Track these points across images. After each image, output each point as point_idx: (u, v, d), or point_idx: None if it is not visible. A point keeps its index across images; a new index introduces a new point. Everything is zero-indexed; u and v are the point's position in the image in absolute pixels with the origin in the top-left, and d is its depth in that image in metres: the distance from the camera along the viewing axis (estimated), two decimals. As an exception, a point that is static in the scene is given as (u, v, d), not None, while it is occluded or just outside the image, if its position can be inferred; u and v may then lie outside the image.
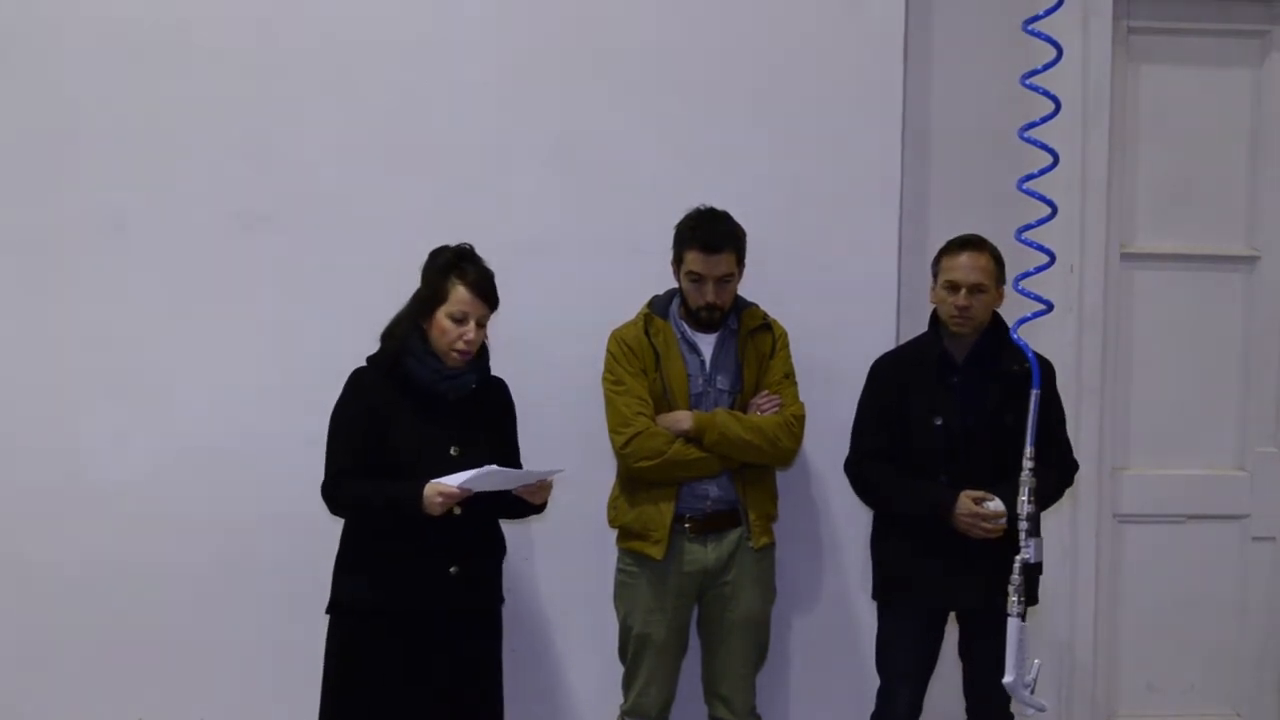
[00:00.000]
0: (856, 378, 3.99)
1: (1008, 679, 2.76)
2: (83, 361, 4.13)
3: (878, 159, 4.28)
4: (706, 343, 3.87)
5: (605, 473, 3.99)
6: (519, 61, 4.21)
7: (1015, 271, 3.20)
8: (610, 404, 3.84)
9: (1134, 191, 4.58)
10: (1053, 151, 2.77)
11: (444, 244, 3.54)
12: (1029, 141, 2.74)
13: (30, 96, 4.11)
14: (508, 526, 3.67)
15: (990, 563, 3.58)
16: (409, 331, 3.49)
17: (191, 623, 4.17)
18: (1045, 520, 3.55)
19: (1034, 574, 3.49)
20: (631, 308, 3.95)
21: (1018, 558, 2.79)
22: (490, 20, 4.21)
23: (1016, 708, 3.10)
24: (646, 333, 3.86)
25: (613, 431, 3.82)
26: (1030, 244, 2.78)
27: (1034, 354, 2.87)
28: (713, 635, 3.92)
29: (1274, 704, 4.68)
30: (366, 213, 4.16)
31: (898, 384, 3.86)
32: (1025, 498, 2.80)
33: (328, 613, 3.53)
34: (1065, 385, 4.14)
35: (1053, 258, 2.82)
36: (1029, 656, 2.78)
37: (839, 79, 4.27)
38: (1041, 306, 2.79)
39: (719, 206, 3.86)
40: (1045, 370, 3.78)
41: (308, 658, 3.60)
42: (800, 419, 3.86)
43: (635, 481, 3.84)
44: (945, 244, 3.88)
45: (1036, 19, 2.70)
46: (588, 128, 4.22)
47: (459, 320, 3.45)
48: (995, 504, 3.66)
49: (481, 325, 3.50)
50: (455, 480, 3.34)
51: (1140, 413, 4.63)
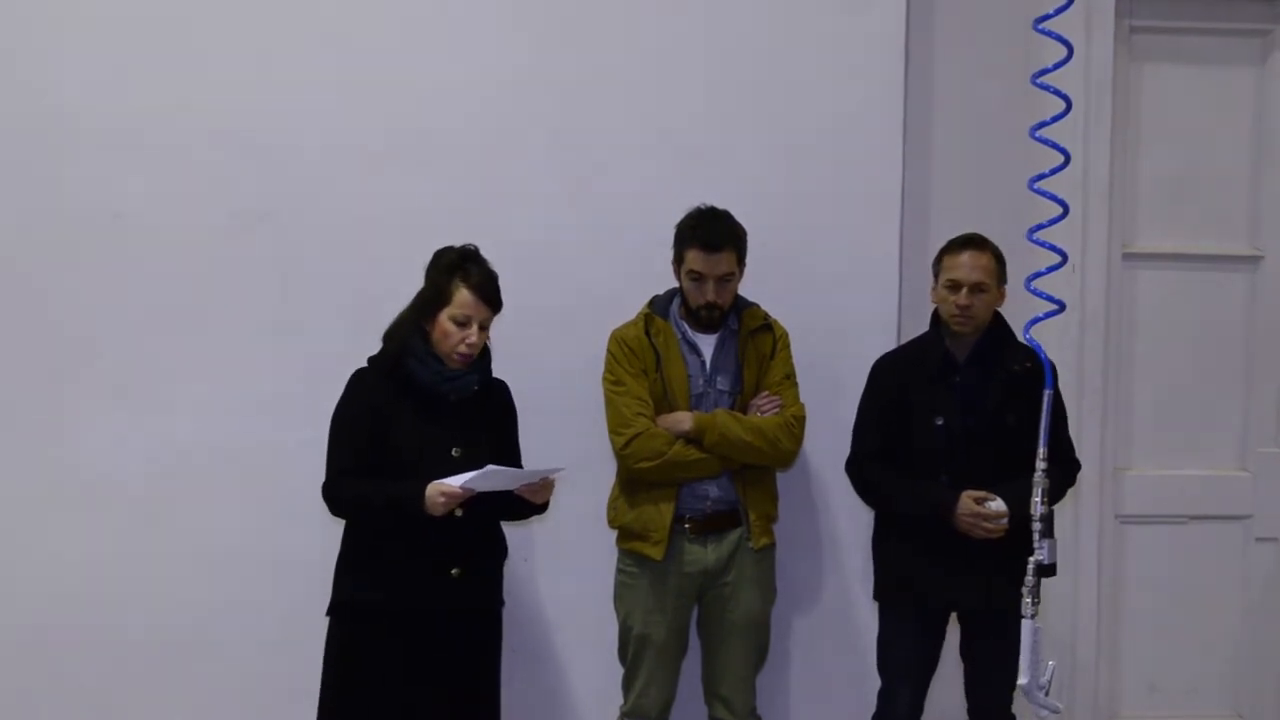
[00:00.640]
0: (857, 378, 3.99)
1: (1022, 681, 2.75)
2: (81, 362, 4.13)
3: (879, 158, 4.28)
4: (707, 343, 3.87)
5: (605, 473, 3.99)
6: (520, 61, 4.21)
7: (1022, 271, 3.20)
8: (610, 404, 3.84)
9: (1136, 191, 4.59)
10: (1064, 151, 2.76)
11: (449, 244, 3.53)
12: (1041, 141, 2.74)
13: (29, 95, 4.10)
14: (507, 527, 3.66)
15: (991, 563, 3.62)
16: (411, 332, 3.48)
17: (190, 624, 4.17)
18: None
19: (1046, 576, 3.51)
20: (631, 308, 3.95)
21: (1031, 559, 2.79)
22: (491, 20, 4.21)
23: (1021, 708, 3.08)
24: (647, 333, 3.86)
25: (613, 432, 3.82)
26: (1042, 244, 2.77)
27: (1045, 354, 2.87)
28: (713, 636, 3.92)
29: (1276, 705, 4.69)
30: (367, 212, 4.16)
31: (899, 384, 3.86)
32: (1038, 498, 2.79)
33: (328, 614, 3.52)
34: (1067, 385, 4.15)
35: (1065, 257, 2.82)
36: (1043, 658, 2.77)
37: (840, 78, 4.28)
38: (1053, 306, 2.78)
39: (719, 206, 3.85)
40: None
41: (307, 659, 3.60)
42: (801, 420, 3.85)
43: (635, 482, 3.84)
44: (946, 243, 3.88)
45: (1047, 18, 2.71)
46: (588, 127, 4.23)
47: (461, 323, 3.44)
48: (997, 504, 3.66)
49: (484, 328, 3.49)
50: (457, 481, 3.33)
51: (1142, 413, 4.64)
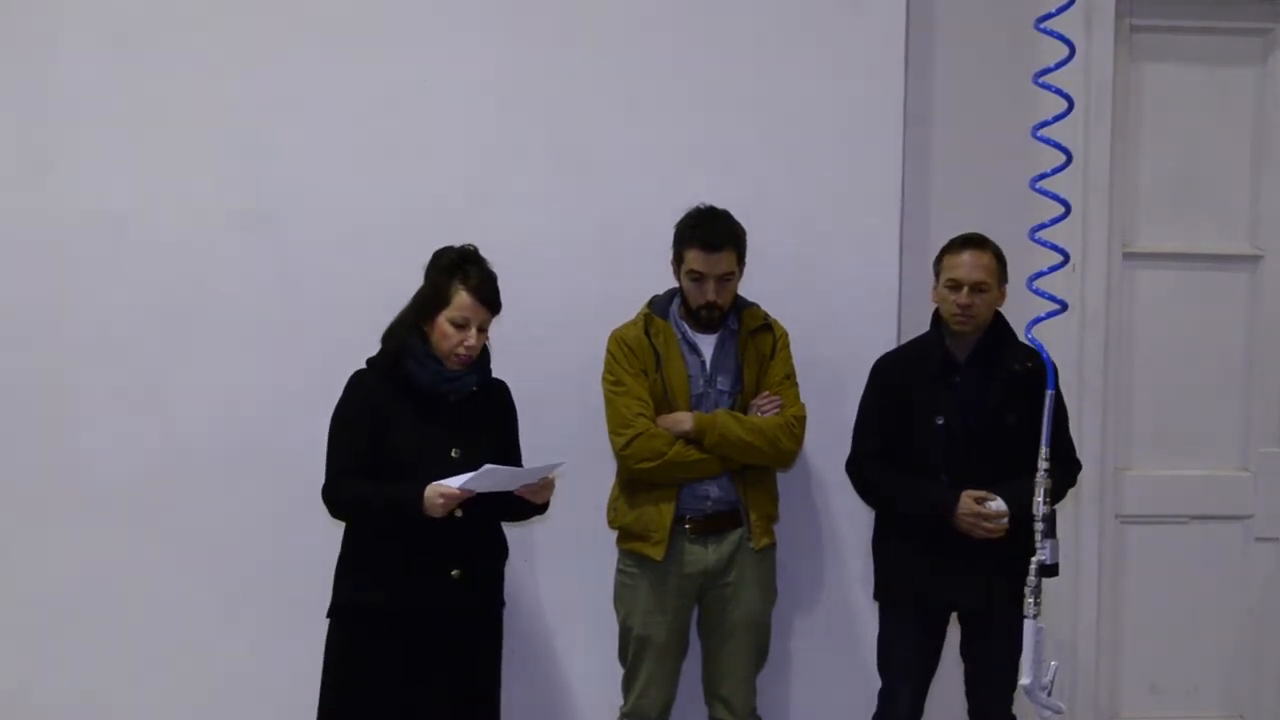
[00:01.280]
0: (857, 378, 3.99)
1: (1025, 681, 2.77)
2: (81, 362, 4.13)
3: (879, 158, 4.28)
4: (707, 343, 3.87)
5: (605, 474, 3.99)
6: (520, 61, 4.22)
7: (1023, 271, 3.20)
8: (610, 405, 3.83)
9: (1137, 190, 4.58)
10: (1066, 150, 2.78)
11: (448, 244, 3.52)
12: (1043, 140, 2.74)
13: (29, 95, 4.11)
14: (508, 528, 3.66)
15: (992, 563, 3.61)
16: (409, 333, 3.48)
17: (190, 624, 4.18)
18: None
19: (1048, 576, 3.51)
20: (631, 308, 3.94)
21: (1034, 559, 2.79)
22: (491, 20, 4.21)
23: (1022, 708, 3.09)
24: (647, 333, 3.85)
25: (613, 433, 3.82)
26: (1044, 243, 2.78)
27: (1047, 354, 2.87)
28: (713, 636, 3.92)
29: (1278, 706, 4.69)
30: (366, 212, 4.17)
31: (899, 384, 3.85)
32: (1041, 499, 2.79)
33: (329, 617, 3.51)
34: (1067, 385, 4.14)
35: (1067, 257, 2.83)
36: (1046, 658, 2.78)
37: (840, 78, 4.27)
38: (1055, 306, 2.78)
39: (719, 206, 3.85)
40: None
41: (307, 660, 3.59)
42: (801, 420, 3.85)
43: (635, 482, 3.84)
44: (947, 242, 3.88)
45: (1048, 17, 2.71)
46: (588, 127, 4.23)
47: (460, 325, 3.43)
48: (997, 504, 3.66)
49: (483, 330, 3.48)
50: (456, 482, 3.33)
51: (1143, 413, 4.63)
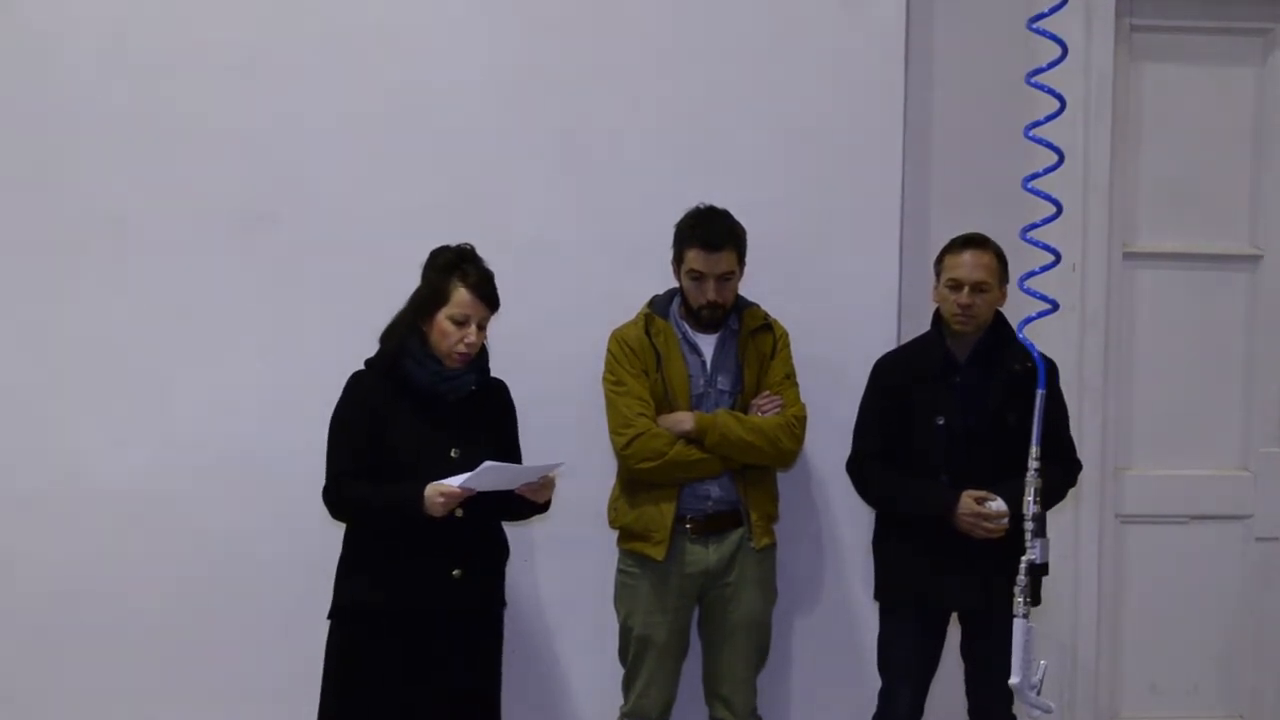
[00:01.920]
0: (858, 378, 3.98)
1: (1014, 680, 2.76)
2: (81, 364, 4.13)
3: (879, 158, 4.28)
4: (707, 343, 3.87)
5: (606, 474, 3.99)
6: (519, 61, 4.22)
7: (1019, 271, 3.19)
8: (611, 405, 3.84)
9: (1137, 190, 4.59)
10: (1058, 150, 2.76)
11: (444, 244, 3.52)
12: (1035, 140, 2.74)
13: (29, 96, 4.11)
14: (508, 527, 3.66)
15: (992, 563, 3.60)
16: (407, 333, 3.48)
17: (190, 626, 4.18)
18: (1047, 521, 3.54)
19: (1039, 575, 3.49)
20: (632, 308, 3.95)
21: (1024, 559, 2.79)
22: (491, 20, 4.22)
23: (1020, 709, 3.09)
24: (647, 333, 3.85)
25: (613, 432, 3.82)
26: (1036, 243, 2.77)
27: (1039, 354, 2.86)
28: (714, 636, 3.92)
29: (1277, 705, 4.68)
30: (367, 212, 4.17)
31: (900, 383, 3.85)
32: (1031, 498, 2.78)
33: (329, 618, 3.51)
34: (1067, 385, 4.13)
35: (1058, 257, 2.82)
36: (1035, 658, 2.77)
37: (840, 78, 4.28)
38: (1046, 306, 2.78)
39: (718, 206, 3.85)
40: (1049, 370, 3.77)
41: (307, 661, 3.59)
42: (801, 420, 3.86)
43: (636, 482, 3.83)
44: (948, 242, 3.87)
45: (1041, 17, 2.71)
46: (588, 127, 4.23)
47: (460, 323, 3.43)
48: (997, 504, 3.66)
49: (482, 328, 3.49)
50: (456, 481, 3.33)
51: (1143, 412, 4.63)
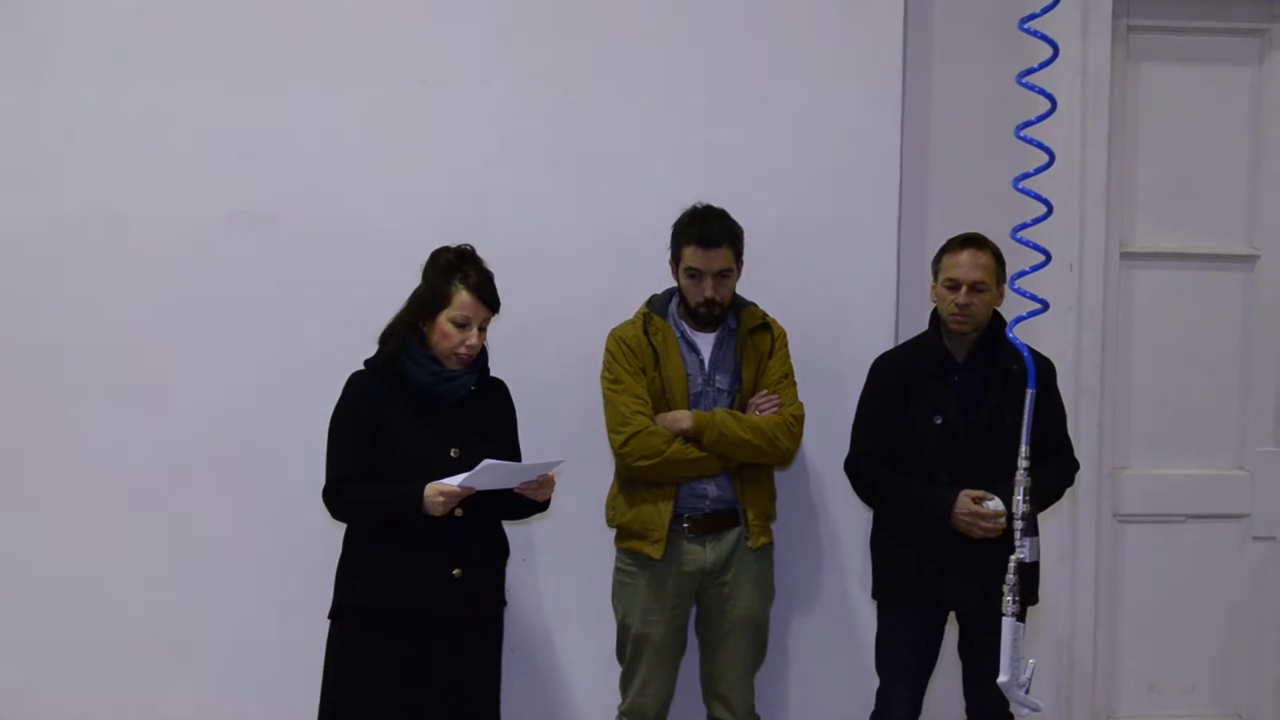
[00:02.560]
0: (855, 377, 3.99)
1: (1002, 679, 2.78)
2: (83, 363, 4.13)
3: (877, 158, 4.29)
4: (705, 342, 3.88)
5: (604, 472, 3.99)
6: (519, 61, 4.22)
7: (1014, 270, 3.20)
8: (609, 403, 3.84)
9: (1134, 190, 4.59)
10: (1048, 150, 2.77)
11: (445, 245, 3.52)
12: (1026, 140, 2.76)
13: (29, 96, 4.11)
14: (506, 526, 3.65)
15: (989, 561, 3.57)
16: (407, 333, 3.48)
17: (191, 626, 4.19)
18: (1045, 520, 3.57)
19: (1032, 573, 3.47)
20: (631, 308, 3.96)
21: (1013, 557, 2.80)
22: (491, 21, 4.22)
23: (1015, 708, 3.12)
24: (645, 332, 3.86)
25: (612, 431, 3.82)
26: (1026, 243, 2.78)
27: (1031, 353, 2.87)
28: (711, 635, 3.92)
29: (1274, 705, 4.68)
30: (367, 213, 4.17)
31: (898, 383, 3.86)
32: (1020, 497, 2.79)
33: (330, 618, 3.52)
34: (1065, 384, 4.13)
35: (1048, 257, 2.82)
36: (1024, 656, 2.79)
37: (838, 78, 4.28)
38: (1037, 305, 2.78)
39: (718, 206, 3.86)
40: (1046, 369, 3.83)
41: (308, 659, 3.60)
42: (799, 419, 3.86)
43: (634, 481, 3.83)
44: (946, 242, 3.88)
45: (1033, 17, 2.73)
46: (587, 127, 4.24)
47: (461, 325, 3.44)
48: (994, 503, 3.66)
49: (483, 329, 3.49)
50: (456, 480, 3.34)
51: (1140, 412, 4.63)
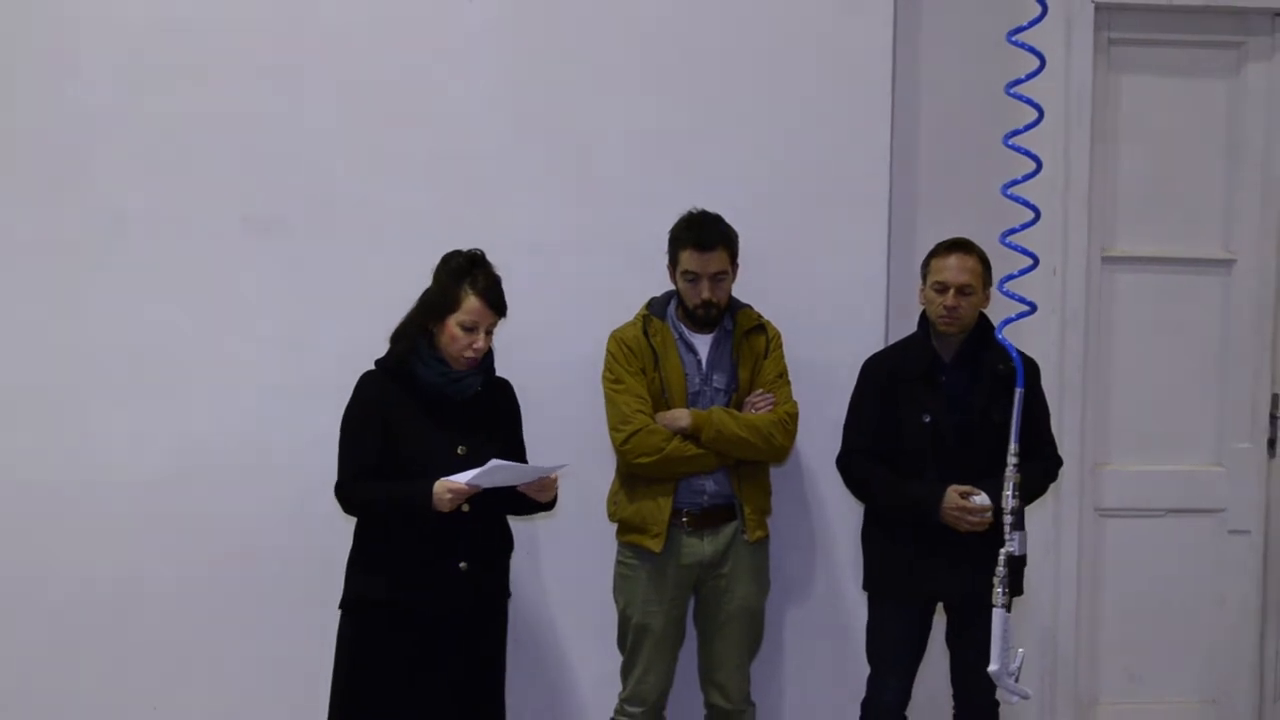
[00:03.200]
0: (847, 377, 4.01)
1: (992, 668, 2.77)
2: (95, 365, 4.13)
3: (867, 163, 4.29)
4: (703, 343, 3.91)
5: (605, 469, 4.02)
6: (522, 66, 4.23)
7: (1000, 274, 3.21)
8: (610, 402, 3.88)
9: (1115, 196, 4.61)
10: (1035, 158, 2.76)
11: (456, 248, 3.55)
12: (1012, 148, 2.74)
13: (40, 102, 4.11)
14: (512, 521, 3.69)
15: (977, 554, 3.59)
16: (416, 334, 3.51)
17: (204, 618, 4.19)
18: (1029, 514, 3.55)
19: (1019, 566, 3.53)
20: (631, 309, 3.99)
21: (1003, 550, 2.78)
22: (493, 25, 4.22)
23: (1002, 695, 3.13)
24: (645, 333, 3.88)
25: (613, 429, 3.85)
26: (1014, 247, 2.78)
27: (1018, 353, 2.87)
28: (709, 625, 3.95)
29: (1250, 691, 4.71)
30: (374, 214, 4.17)
31: (888, 383, 3.89)
32: (1009, 492, 2.78)
33: (341, 609, 3.55)
34: (1048, 384, 4.15)
35: (1036, 260, 2.81)
36: (1013, 646, 2.78)
37: (829, 84, 4.29)
38: (1025, 308, 2.79)
39: (713, 209, 3.88)
40: (1030, 369, 3.79)
41: (319, 653, 3.65)
42: (794, 417, 3.89)
43: (634, 477, 3.87)
44: (934, 246, 3.91)
45: (1020, 30, 2.71)
46: (588, 130, 4.24)
47: (469, 329, 3.47)
48: (981, 498, 3.70)
49: (489, 333, 3.52)
50: (464, 478, 3.38)
51: (1121, 410, 4.66)
